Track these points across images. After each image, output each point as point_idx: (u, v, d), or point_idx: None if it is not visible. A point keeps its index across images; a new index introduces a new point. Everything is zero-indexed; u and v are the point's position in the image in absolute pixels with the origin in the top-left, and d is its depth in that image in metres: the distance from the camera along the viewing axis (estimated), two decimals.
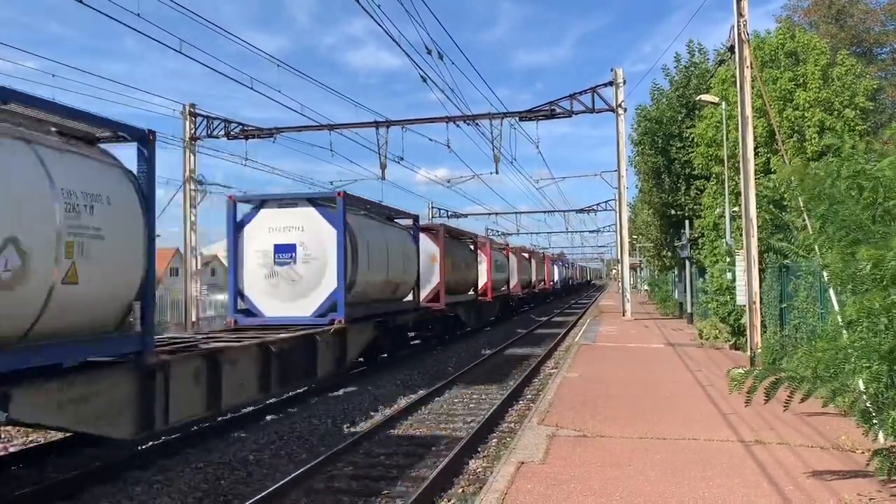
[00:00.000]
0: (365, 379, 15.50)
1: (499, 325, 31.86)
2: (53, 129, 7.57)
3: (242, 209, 14.67)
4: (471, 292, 27.34)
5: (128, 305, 7.96)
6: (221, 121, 32.20)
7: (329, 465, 8.64)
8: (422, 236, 20.82)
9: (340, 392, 14.01)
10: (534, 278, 46.58)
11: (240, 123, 32.17)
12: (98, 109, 7.60)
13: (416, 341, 21.84)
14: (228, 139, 32.19)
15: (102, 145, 8.25)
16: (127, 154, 8.37)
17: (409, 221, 20.05)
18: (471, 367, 17.56)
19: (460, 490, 7.82)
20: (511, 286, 36.47)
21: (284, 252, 13.90)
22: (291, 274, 13.88)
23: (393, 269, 16.98)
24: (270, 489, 7.49)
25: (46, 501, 7.42)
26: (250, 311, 14.29)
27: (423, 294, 20.83)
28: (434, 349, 22.03)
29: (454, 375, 15.96)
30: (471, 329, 27.40)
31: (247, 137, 32.01)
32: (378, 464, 8.93)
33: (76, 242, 6.98)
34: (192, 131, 32.12)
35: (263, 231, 14.09)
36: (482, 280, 29.33)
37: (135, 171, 8.28)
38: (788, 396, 6.14)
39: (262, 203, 14.49)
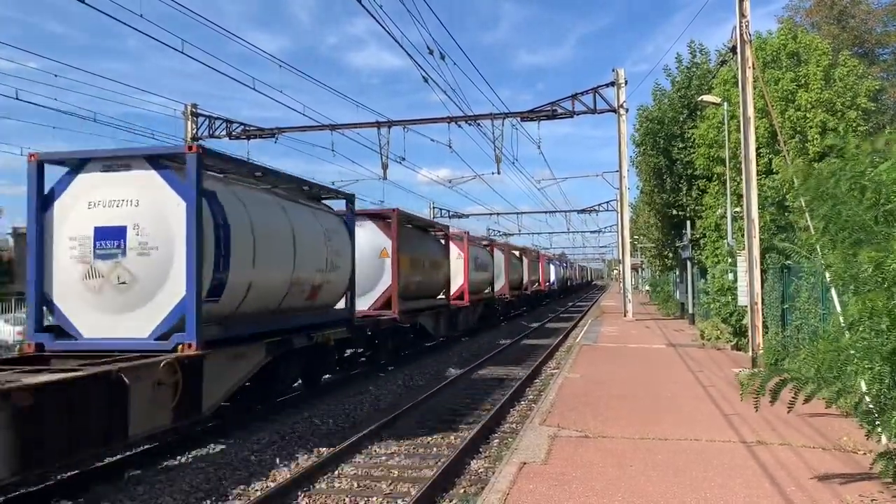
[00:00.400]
0: (368, 381, 15.50)
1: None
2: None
3: (54, 175, 9.58)
4: (441, 296, 22.32)
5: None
6: (223, 121, 32.26)
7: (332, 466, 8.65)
8: (367, 224, 17.11)
9: (341, 394, 14.00)
10: (526, 279, 41.46)
11: (242, 123, 32.24)
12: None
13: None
14: (230, 139, 32.27)
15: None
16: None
17: (342, 203, 14.94)
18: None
19: (462, 490, 7.82)
20: (497, 288, 32.13)
21: (110, 239, 9.02)
22: (120, 272, 8.99)
23: (305, 265, 12.04)
24: (272, 489, 7.50)
25: (48, 501, 7.43)
26: (63, 330, 9.28)
27: (370, 300, 16.93)
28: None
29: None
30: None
31: (249, 138, 32.06)
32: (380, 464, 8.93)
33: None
34: (195, 131, 32.16)
35: (81, 206, 9.20)
36: (457, 281, 24.58)
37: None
38: (793, 398, 6.13)
39: (80, 164, 9.45)
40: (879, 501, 5.95)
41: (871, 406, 6.25)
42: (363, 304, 16.58)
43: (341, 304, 14.47)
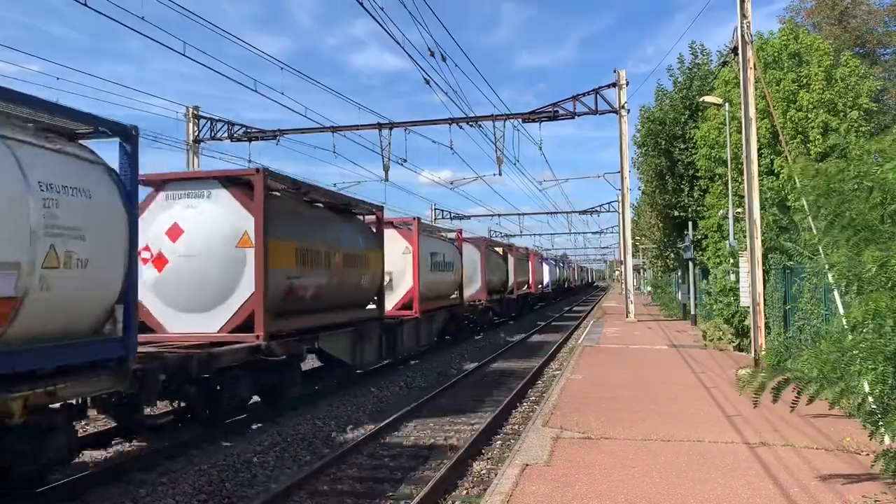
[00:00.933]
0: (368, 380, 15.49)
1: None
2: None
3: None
4: (371, 306, 16.06)
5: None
6: (225, 123, 32.29)
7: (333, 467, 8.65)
8: (223, 196, 11.01)
9: (341, 394, 14.00)
10: (511, 280, 34.70)
11: (243, 125, 32.25)
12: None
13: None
14: (232, 141, 32.29)
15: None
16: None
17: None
18: None
19: (464, 492, 7.82)
20: (471, 293, 26.18)
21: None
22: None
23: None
24: (274, 491, 7.50)
25: (51, 503, 7.43)
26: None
27: (222, 318, 10.72)
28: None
29: None
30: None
31: (250, 139, 32.07)
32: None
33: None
34: (196, 133, 32.19)
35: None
36: (403, 285, 18.53)
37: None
38: (795, 398, 6.12)
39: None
40: (882, 502, 5.94)
41: (874, 407, 6.24)
42: (207, 324, 10.76)
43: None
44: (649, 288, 60.81)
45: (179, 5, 15.13)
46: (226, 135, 32.17)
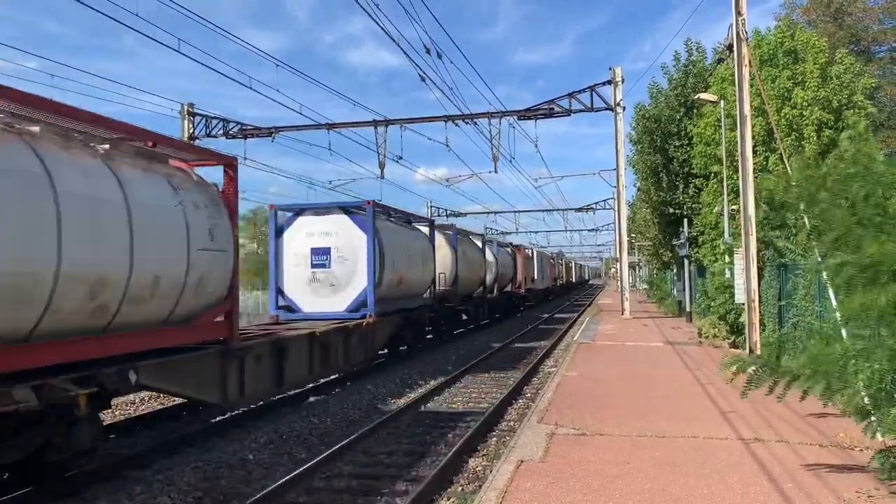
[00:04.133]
0: (365, 378, 15.51)
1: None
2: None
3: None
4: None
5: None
6: (220, 120, 32.23)
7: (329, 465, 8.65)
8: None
9: (340, 391, 14.01)
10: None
11: (238, 123, 32.20)
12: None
13: None
14: (227, 138, 32.25)
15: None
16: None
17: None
18: None
19: (459, 488, 7.83)
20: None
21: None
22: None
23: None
24: (270, 488, 7.50)
25: (47, 500, 7.42)
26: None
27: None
28: None
29: None
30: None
31: (245, 137, 32.03)
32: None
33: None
34: (191, 131, 32.12)
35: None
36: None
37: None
38: (784, 389, 6.14)
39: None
40: (876, 497, 5.97)
41: (866, 404, 6.27)
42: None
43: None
44: (645, 285, 60.88)
45: (174, 1, 15.07)
46: (221, 132, 32.12)
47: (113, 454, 9.10)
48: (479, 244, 29.62)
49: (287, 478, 7.85)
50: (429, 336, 22.42)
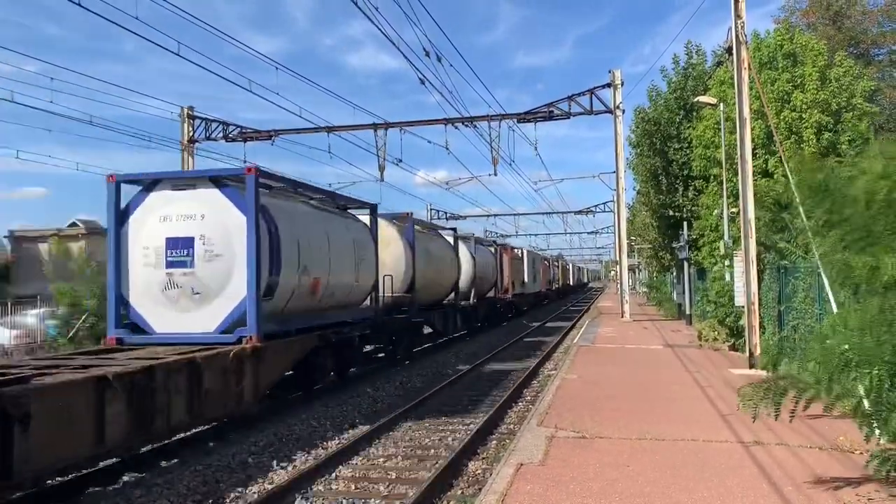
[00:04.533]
0: (365, 381, 15.47)
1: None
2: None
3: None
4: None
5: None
6: (220, 123, 32.27)
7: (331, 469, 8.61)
8: None
9: (340, 395, 13.98)
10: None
11: (238, 126, 32.26)
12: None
13: None
14: (227, 142, 32.31)
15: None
16: None
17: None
18: None
19: (459, 491, 7.81)
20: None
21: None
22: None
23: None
24: (269, 492, 7.48)
25: None
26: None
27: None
28: None
29: None
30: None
31: (245, 140, 32.06)
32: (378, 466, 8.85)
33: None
34: (191, 134, 32.16)
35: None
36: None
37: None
38: (794, 407, 6.08)
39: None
40: (876, 501, 5.96)
41: (868, 409, 6.25)
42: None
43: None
44: (645, 288, 60.81)
45: (174, 5, 15.09)
46: (221, 135, 32.17)
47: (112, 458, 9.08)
48: (451, 240, 24.70)
49: (288, 479, 7.81)
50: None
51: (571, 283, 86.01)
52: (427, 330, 22.55)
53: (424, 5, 47.17)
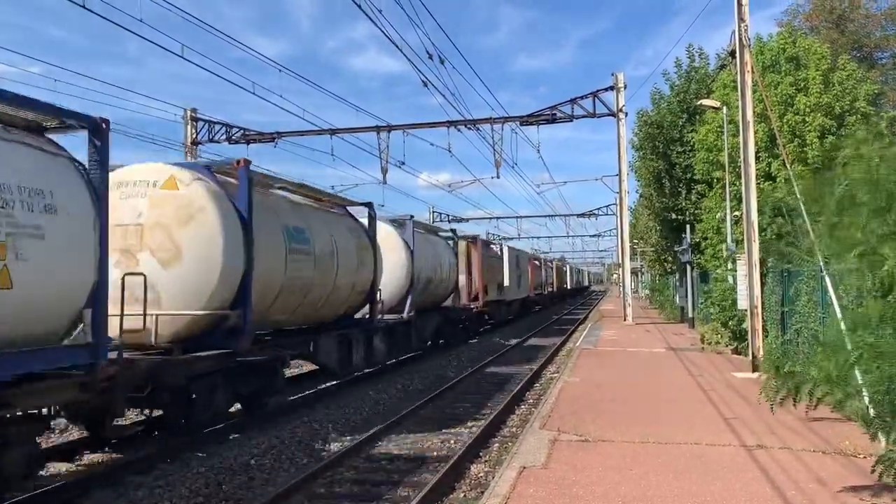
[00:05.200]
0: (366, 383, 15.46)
1: None
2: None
3: None
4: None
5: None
6: (223, 125, 32.26)
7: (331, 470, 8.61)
8: None
9: (343, 396, 13.97)
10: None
11: (241, 128, 32.25)
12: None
13: None
14: (230, 144, 32.26)
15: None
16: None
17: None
18: None
19: (462, 495, 7.80)
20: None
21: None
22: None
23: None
24: (272, 494, 7.48)
25: None
26: None
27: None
28: None
29: None
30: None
31: (248, 142, 32.05)
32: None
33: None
34: (194, 136, 32.18)
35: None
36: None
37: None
38: (808, 405, 6.20)
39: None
40: None
41: (872, 412, 6.24)
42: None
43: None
44: (647, 291, 60.69)
45: (178, 7, 15.13)
46: (224, 137, 32.17)
47: (114, 459, 9.09)
48: (364, 221, 15.85)
49: (291, 482, 7.79)
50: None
51: (569, 287, 79.39)
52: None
53: (427, 8, 47.37)
